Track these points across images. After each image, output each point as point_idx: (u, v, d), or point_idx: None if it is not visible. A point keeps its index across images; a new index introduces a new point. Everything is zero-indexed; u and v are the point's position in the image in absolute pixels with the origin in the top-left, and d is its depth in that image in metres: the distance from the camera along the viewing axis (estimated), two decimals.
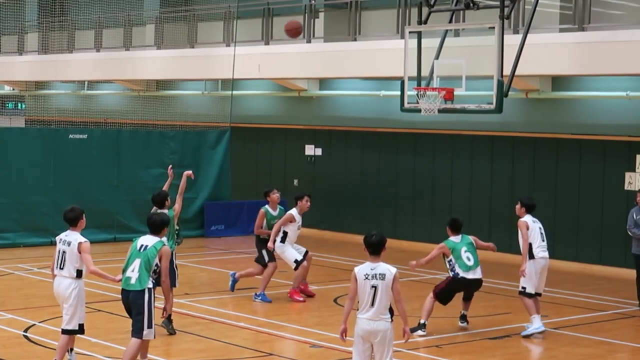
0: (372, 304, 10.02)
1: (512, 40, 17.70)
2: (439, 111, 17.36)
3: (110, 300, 16.60)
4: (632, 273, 20.70)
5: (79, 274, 11.91)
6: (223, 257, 22.30)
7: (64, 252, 11.98)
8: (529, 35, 17.63)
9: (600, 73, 20.22)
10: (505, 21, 17.01)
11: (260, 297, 16.82)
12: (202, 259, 22.05)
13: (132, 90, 31.80)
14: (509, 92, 17.17)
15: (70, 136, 24.01)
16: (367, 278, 10.03)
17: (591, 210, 21.58)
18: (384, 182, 25.17)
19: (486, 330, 15.02)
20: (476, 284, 14.72)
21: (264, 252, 16.85)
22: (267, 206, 17.25)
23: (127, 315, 11.66)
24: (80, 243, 11.86)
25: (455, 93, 17.22)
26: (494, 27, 16.63)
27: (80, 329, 11.93)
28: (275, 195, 17.36)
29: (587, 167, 21.65)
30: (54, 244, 22.92)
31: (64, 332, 11.90)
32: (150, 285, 11.49)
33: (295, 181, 27.28)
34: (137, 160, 24.77)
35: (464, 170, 23.70)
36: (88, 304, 16.01)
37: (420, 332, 14.43)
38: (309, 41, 25.25)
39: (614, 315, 16.64)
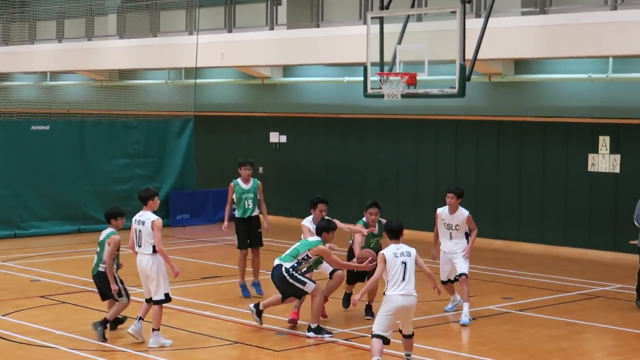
0: (404, 279, 11.47)
1: (474, 24, 17.72)
2: (402, 96, 17.37)
3: (74, 292, 16.53)
4: (597, 254, 20.92)
5: (155, 249, 12.90)
6: (189, 246, 22.23)
7: (139, 231, 13.00)
8: (490, 18, 17.67)
9: (562, 56, 20.29)
10: (467, 5, 17.05)
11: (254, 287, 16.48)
12: (168, 248, 21.63)
13: (95, 81, 31.59)
14: (472, 76, 17.20)
15: (33, 128, 23.80)
16: (396, 256, 11.51)
17: (555, 193, 21.67)
18: (350, 168, 25.15)
19: (452, 314, 15.04)
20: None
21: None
22: (238, 179, 16.65)
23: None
24: (153, 221, 12.87)
25: (418, 78, 17.22)
26: (455, 12, 16.64)
27: (167, 298, 12.96)
28: (246, 172, 16.59)
29: (551, 150, 21.73)
30: (18, 236, 23.08)
31: (155, 302, 12.92)
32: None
33: (261, 169, 27.20)
34: (101, 150, 24.61)
35: (428, 155, 23.73)
36: (51, 296, 16.03)
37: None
38: (271, 28, 25.18)
39: (579, 296, 16.73)
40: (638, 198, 18.25)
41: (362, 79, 18.18)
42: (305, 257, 13.53)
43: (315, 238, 13.70)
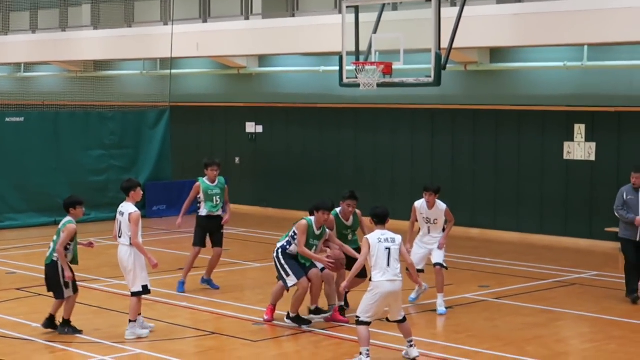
0: (388, 265, 11.56)
1: (449, 13, 17.73)
2: (378, 85, 17.35)
3: None
4: (573, 242, 21.00)
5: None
6: (165, 237, 22.16)
7: (120, 222, 12.97)
8: (466, 7, 17.68)
9: (537, 44, 20.35)
10: None
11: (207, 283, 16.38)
12: (144, 239, 21.61)
13: (69, 72, 31.44)
14: (448, 65, 17.20)
15: (7, 119, 23.66)
16: (380, 241, 11.62)
17: (531, 181, 21.74)
18: (326, 158, 25.15)
19: (429, 302, 15.05)
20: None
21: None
22: (204, 178, 16.25)
23: None
24: (130, 213, 12.79)
25: (393, 67, 17.20)
26: (431, 0, 16.62)
27: (145, 290, 12.92)
28: (213, 173, 16.19)
29: (527, 138, 21.79)
30: None
31: (132, 294, 12.90)
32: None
33: (237, 159, 27.19)
34: (77, 142, 24.48)
35: (405, 144, 23.74)
36: (27, 288, 15.95)
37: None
38: (247, 18, 25.12)
39: (555, 284, 16.79)
40: (613, 185, 18.37)
41: (337, 68, 18.16)
42: (293, 235, 13.44)
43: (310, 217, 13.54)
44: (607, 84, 20.66)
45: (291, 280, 13.33)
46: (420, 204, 14.79)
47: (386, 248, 11.57)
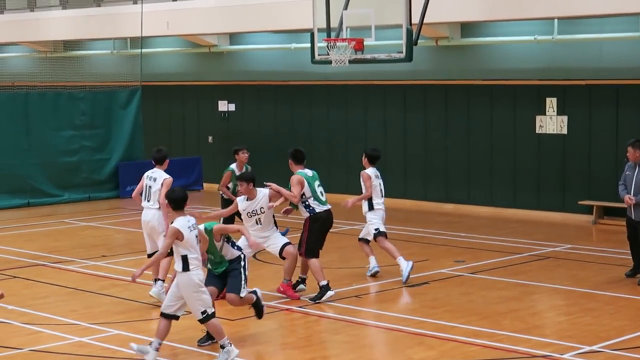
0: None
1: None
2: (350, 62, 17.30)
3: (25, 267, 16.41)
4: (546, 215, 21.12)
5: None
6: (139, 218, 22.00)
7: (149, 186, 13.94)
8: None
9: (508, 18, 20.40)
10: None
11: None
12: (118, 220, 21.84)
13: (39, 52, 31.21)
14: (419, 41, 17.19)
15: None
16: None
17: (504, 155, 21.81)
18: (299, 136, 25.11)
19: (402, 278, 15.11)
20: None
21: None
22: (233, 166, 17.07)
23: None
24: (165, 179, 13.78)
25: (365, 43, 17.15)
26: None
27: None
28: (244, 155, 17.05)
29: (499, 112, 21.85)
30: None
31: (149, 255, 13.66)
32: None
33: (210, 138, 27.12)
34: (47, 123, 24.35)
35: (377, 120, 23.75)
36: (2, 271, 15.90)
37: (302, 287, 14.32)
38: None
39: (529, 258, 16.89)
40: (585, 159, 18.52)
41: (309, 45, 18.09)
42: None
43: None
44: (577, 57, 20.73)
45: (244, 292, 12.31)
46: (373, 171, 15.18)
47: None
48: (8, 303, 13.57)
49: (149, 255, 13.75)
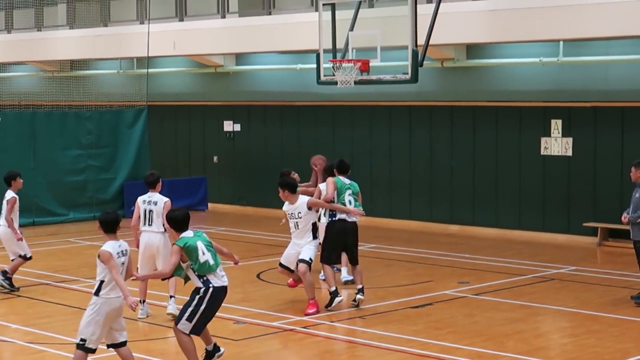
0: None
1: (425, 10, 17.77)
2: (355, 83, 17.38)
3: (29, 285, 16.41)
4: (551, 237, 21.11)
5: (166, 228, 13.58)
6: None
7: (150, 211, 14.00)
8: (442, 3, 17.74)
9: (513, 40, 20.40)
10: None
11: None
12: (123, 239, 21.73)
13: (45, 72, 31.31)
14: (425, 62, 17.24)
15: None
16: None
17: (509, 176, 21.81)
18: (304, 156, 24.99)
19: (408, 299, 15.11)
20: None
21: None
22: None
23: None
24: (165, 201, 13.94)
25: (370, 64, 17.24)
26: None
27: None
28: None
29: (504, 134, 21.86)
30: None
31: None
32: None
33: (215, 158, 27.16)
34: (54, 142, 24.39)
35: (382, 141, 23.77)
36: (6, 289, 15.87)
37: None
38: (223, 16, 25.09)
39: (534, 279, 16.86)
40: (590, 180, 18.49)
41: (315, 66, 18.18)
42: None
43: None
44: (583, 79, 20.76)
45: None
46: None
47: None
48: (12, 322, 13.59)
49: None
